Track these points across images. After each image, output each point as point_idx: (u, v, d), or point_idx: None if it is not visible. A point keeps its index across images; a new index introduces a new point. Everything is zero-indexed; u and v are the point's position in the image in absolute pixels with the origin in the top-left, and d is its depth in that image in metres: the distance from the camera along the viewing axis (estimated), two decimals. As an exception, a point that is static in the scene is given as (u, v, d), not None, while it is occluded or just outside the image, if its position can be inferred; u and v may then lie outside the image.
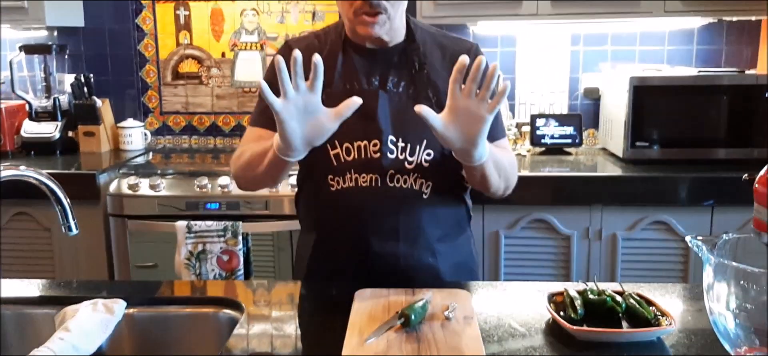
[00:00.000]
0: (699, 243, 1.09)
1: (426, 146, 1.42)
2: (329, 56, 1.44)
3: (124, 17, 3.14)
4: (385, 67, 1.44)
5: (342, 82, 1.44)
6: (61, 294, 1.40)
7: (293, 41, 1.52)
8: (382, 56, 1.44)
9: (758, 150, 2.54)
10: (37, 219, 2.64)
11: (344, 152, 1.42)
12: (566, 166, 2.65)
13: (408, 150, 1.41)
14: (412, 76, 1.44)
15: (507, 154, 1.47)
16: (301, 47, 1.45)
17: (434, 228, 1.47)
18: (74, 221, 1.28)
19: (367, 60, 1.44)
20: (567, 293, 1.25)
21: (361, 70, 1.44)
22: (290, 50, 1.41)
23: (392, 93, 1.43)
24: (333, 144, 1.41)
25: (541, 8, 2.62)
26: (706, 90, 2.56)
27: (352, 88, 1.42)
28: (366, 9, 1.35)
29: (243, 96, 3.18)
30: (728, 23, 2.91)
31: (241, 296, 1.38)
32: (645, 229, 2.47)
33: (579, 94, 3.02)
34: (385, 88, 1.43)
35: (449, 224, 1.52)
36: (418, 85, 1.43)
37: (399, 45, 1.46)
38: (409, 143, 1.41)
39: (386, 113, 1.41)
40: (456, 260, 1.53)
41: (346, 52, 1.46)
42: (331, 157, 1.42)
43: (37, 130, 2.99)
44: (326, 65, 1.39)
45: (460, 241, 1.56)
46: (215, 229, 2.45)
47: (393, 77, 1.44)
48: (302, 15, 3.08)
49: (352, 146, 1.41)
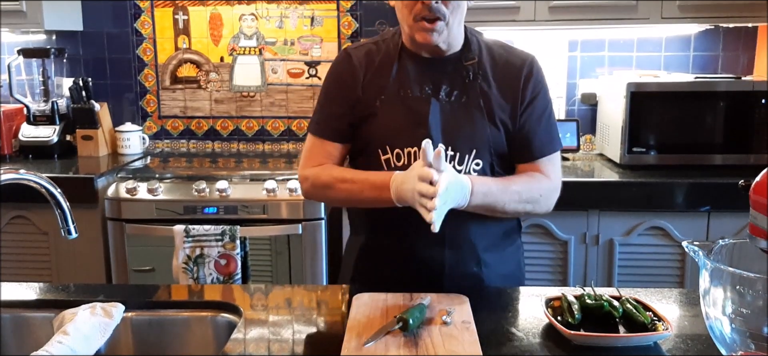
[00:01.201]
0: (695, 249, 1.09)
1: (475, 155, 1.42)
2: (385, 63, 1.46)
3: (122, 21, 3.14)
4: (438, 75, 1.45)
5: (396, 88, 1.45)
6: (59, 298, 1.40)
7: (352, 49, 1.52)
8: (437, 65, 1.45)
9: (755, 156, 2.55)
10: (35, 222, 2.64)
11: (395, 157, 1.43)
12: (564, 171, 2.63)
13: (457, 158, 1.42)
14: (465, 85, 1.44)
15: (529, 182, 1.44)
16: (360, 54, 1.49)
17: (481, 238, 1.47)
18: (74, 225, 1.29)
19: (422, 68, 1.45)
20: (564, 298, 1.26)
21: (414, 77, 1.45)
22: (350, 57, 1.49)
23: (444, 102, 1.43)
24: (384, 149, 1.43)
25: (539, 14, 2.63)
26: (703, 96, 2.57)
27: (406, 95, 1.44)
28: (425, 13, 1.36)
29: (241, 100, 3.18)
30: (725, 30, 2.93)
31: (238, 300, 1.38)
32: (642, 235, 2.48)
33: (576, 100, 3.03)
34: (438, 96, 1.44)
35: (498, 234, 1.52)
36: (470, 95, 1.43)
37: (454, 55, 1.46)
38: (458, 152, 1.42)
39: (437, 121, 1.42)
40: (503, 271, 1.53)
41: (401, 59, 1.47)
42: (383, 161, 1.44)
43: (34, 134, 2.99)
44: (381, 72, 1.46)
45: (509, 252, 1.56)
46: (213, 233, 2.45)
47: (446, 86, 1.44)
48: (301, 20, 3.09)
49: (403, 152, 1.42)
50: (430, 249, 1.44)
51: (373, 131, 1.45)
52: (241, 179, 2.61)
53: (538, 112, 1.46)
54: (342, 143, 1.50)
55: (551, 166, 1.48)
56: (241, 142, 3.23)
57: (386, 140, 1.42)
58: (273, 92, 3.16)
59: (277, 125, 3.20)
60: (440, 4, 1.35)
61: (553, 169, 1.48)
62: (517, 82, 1.44)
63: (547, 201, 1.47)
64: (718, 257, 1.13)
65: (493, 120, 1.43)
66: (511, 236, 1.57)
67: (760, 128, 2.53)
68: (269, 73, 3.15)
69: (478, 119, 1.42)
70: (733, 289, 1.03)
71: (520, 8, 2.63)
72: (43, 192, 1.26)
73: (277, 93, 3.16)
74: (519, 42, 3.00)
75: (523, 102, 1.44)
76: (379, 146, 1.43)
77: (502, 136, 1.44)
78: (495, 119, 1.43)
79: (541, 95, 1.46)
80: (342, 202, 1.50)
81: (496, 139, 1.43)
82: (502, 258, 1.53)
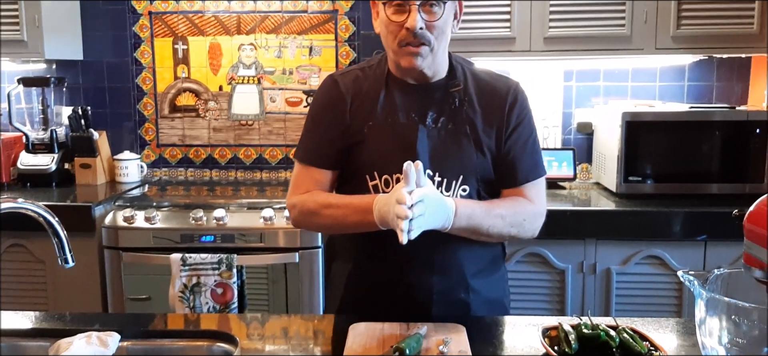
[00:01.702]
0: (691, 278, 1.10)
1: (462, 181, 1.44)
2: (372, 90, 1.48)
3: (122, 51, 3.17)
4: (425, 102, 1.46)
5: (383, 116, 1.46)
6: (55, 327, 1.39)
7: (338, 76, 1.53)
8: (423, 92, 1.47)
9: (750, 185, 2.56)
10: (32, 251, 2.63)
11: (383, 184, 1.44)
12: (560, 200, 2.66)
13: (444, 184, 1.43)
14: (451, 112, 1.46)
15: (514, 206, 1.45)
16: (347, 81, 1.50)
17: (470, 264, 1.48)
18: (71, 253, 1.29)
19: (408, 95, 1.47)
20: (561, 327, 1.26)
21: (401, 104, 1.46)
22: (337, 84, 1.50)
23: (431, 128, 1.45)
24: (372, 175, 1.44)
25: (535, 45, 2.66)
26: (698, 126, 2.59)
27: (393, 122, 1.45)
28: (410, 39, 1.38)
29: (239, 129, 3.20)
30: (718, 60, 2.96)
31: (234, 329, 1.38)
32: (639, 264, 2.48)
33: (572, 129, 3.05)
34: (425, 122, 1.45)
35: (485, 260, 1.52)
36: (456, 121, 1.45)
37: (440, 81, 1.48)
38: (445, 178, 1.43)
39: (425, 147, 1.43)
40: (489, 297, 1.53)
41: (388, 86, 1.48)
42: (370, 187, 1.45)
43: (33, 162, 2.99)
44: (368, 99, 1.47)
45: (495, 277, 1.56)
46: (210, 262, 2.45)
47: (433, 112, 1.46)
48: (299, 50, 3.12)
49: (391, 178, 1.43)
50: (418, 275, 1.44)
51: (361, 157, 1.46)
52: (238, 207, 2.62)
53: (523, 139, 1.47)
54: (330, 170, 1.50)
55: (536, 191, 1.49)
56: (239, 170, 3.23)
57: (374, 166, 1.44)
58: (271, 120, 3.18)
59: (275, 153, 3.21)
60: (424, 30, 1.37)
61: (537, 194, 1.50)
62: (501, 108, 1.46)
63: (531, 226, 1.48)
64: (714, 287, 1.13)
65: (479, 146, 1.45)
66: (497, 262, 1.57)
67: (754, 158, 2.55)
68: (268, 102, 3.17)
69: (464, 145, 1.44)
70: (728, 319, 1.03)
71: (516, 39, 2.66)
72: (41, 220, 1.26)
73: (276, 121, 3.18)
74: (515, 72, 3.02)
75: (508, 128, 1.46)
76: (367, 172, 1.44)
77: (488, 162, 1.46)
78: (481, 145, 1.45)
79: (525, 122, 1.48)
80: (328, 228, 1.49)
81: (482, 165, 1.45)
82: (490, 284, 1.53)
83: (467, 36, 2.67)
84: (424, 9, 1.37)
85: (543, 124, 3.04)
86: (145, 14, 3.14)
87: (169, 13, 3.13)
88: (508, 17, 2.65)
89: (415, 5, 1.36)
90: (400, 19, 1.37)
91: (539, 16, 2.64)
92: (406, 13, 1.36)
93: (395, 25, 1.38)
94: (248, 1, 3.09)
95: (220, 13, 3.11)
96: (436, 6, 1.37)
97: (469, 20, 2.65)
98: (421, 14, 1.36)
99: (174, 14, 3.13)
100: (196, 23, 3.13)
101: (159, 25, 3.14)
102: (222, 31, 3.12)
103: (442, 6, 1.38)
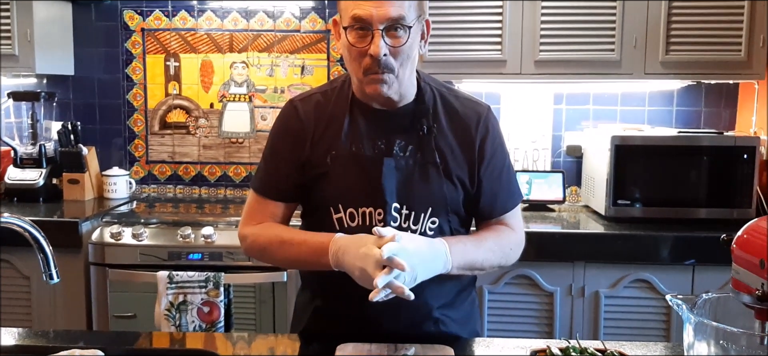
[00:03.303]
0: (679, 302, 1.10)
1: (431, 214, 1.39)
2: (335, 116, 1.41)
3: (114, 67, 3.17)
4: (392, 129, 1.40)
5: (347, 144, 1.40)
6: (37, 344, 1.37)
7: (299, 101, 1.46)
8: (390, 118, 1.41)
9: (738, 210, 2.58)
10: (17, 267, 2.60)
11: (348, 218, 1.38)
12: (549, 223, 2.67)
13: (412, 218, 1.38)
14: (419, 139, 1.40)
15: (499, 236, 1.44)
16: (309, 107, 1.43)
17: (437, 298, 1.44)
18: (56, 269, 1.27)
19: (374, 122, 1.41)
20: (549, 350, 1.25)
21: (366, 132, 1.40)
22: (296, 111, 1.44)
23: (398, 158, 1.39)
24: (337, 208, 1.39)
25: (525, 68, 2.68)
26: (687, 150, 2.61)
27: (358, 152, 1.39)
28: (374, 68, 1.31)
29: (230, 146, 3.19)
30: (707, 86, 2.99)
31: (220, 349, 1.36)
32: (627, 287, 2.48)
33: (562, 152, 3.07)
34: (392, 152, 1.39)
35: (454, 292, 1.48)
36: (424, 150, 1.40)
37: (408, 106, 1.41)
38: (413, 211, 1.38)
39: (392, 180, 1.37)
40: (460, 327, 1.49)
41: (352, 112, 1.41)
42: (335, 220, 1.39)
43: (21, 177, 2.97)
44: (331, 126, 1.40)
45: (464, 307, 1.52)
46: (197, 280, 2.43)
47: (400, 140, 1.40)
48: (291, 69, 3.12)
49: (357, 212, 1.38)
50: (382, 311, 1.34)
51: (324, 190, 1.40)
52: (226, 225, 2.60)
53: (498, 169, 1.45)
54: (285, 203, 1.45)
55: (515, 219, 1.49)
56: (229, 188, 3.22)
57: (339, 199, 1.38)
58: (262, 139, 3.17)
59: (265, 172, 3.20)
60: (389, 57, 1.30)
61: (516, 222, 1.49)
62: (472, 140, 1.42)
63: (516, 254, 1.48)
64: (702, 311, 1.13)
65: (449, 177, 1.40)
66: (467, 290, 1.53)
67: (742, 183, 2.57)
68: (258, 120, 3.17)
69: (433, 177, 1.39)
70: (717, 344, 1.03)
71: (507, 61, 2.68)
72: (27, 236, 1.25)
73: (266, 140, 3.17)
74: (505, 94, 3.04)
75: (482, 161, 1.42)
76: (331, 205, 1.38)
77: (459, 193, 1.41)
78: (452, 176, 1.40)
79: (498, 152, 1.45)
80: (282, 264, 1.45)
81: (452, 196, 1.40)
82: (458, 313, 1.49)
83: (458, 58, 2.69)
84: (388, 34, 1.29)
85: (533, 147, 3.05)
86: (138, 31, 3.14)
87: (162, 30, 3.13)
88: (499, 40, 2.67)
89: (379, 30, 1.28)
90: (363, 45, 1.30)
91: (530, 39, 2.66)
92: (369, 39, 1.29)
93: (357, 51, 1.31)
94: (241, 20, 3.10)
95: (213, 31, 3.12)
96: (401, 30, 1.30)
97: (461, 43, 2.67)
98: (385, 39, 1.29)
99: (166, 31, 3.13)
100: (188, 41, 3.13)
101: (151, 41, 3.14)
102: (214, 48, 3.13)
103: (407, 30, 1.30)
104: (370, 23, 1.28)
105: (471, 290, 1.57)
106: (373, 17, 1.28)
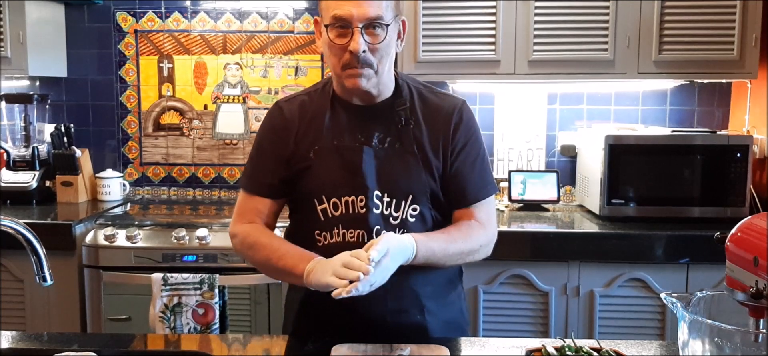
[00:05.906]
0: (674, 300, 1.10)
1: (411, 201, 1.44)
2: (318, 114, 1.48)
3: (107, 69, 3.16)
4: (371, 122, 1.47)
5: (329, 138, 1.46)
6: (31, 347, 1.37)
7: (284, 102, 1.54)
8: (369, 112, 1.47)
9: (731, 209, 2.59)
10: (10, 269, 2.59)
11: (332, 207, 1.43)
12: (544, 222, 2.67)
13: (393, 205, 1.43)
14: (398, 130, 1.46)
15: (469, 233, 1.46)
16: (293, 107, 1.50)
17: (423, 286, 1.47)
18: (49, 271, 1.27)
19: (354, 116, 1.47)
20: (545, 349, 1.25)
21: (346, 126, 1.47)
22: (281, 111, 1.50)
23: (378, 148, 1.45)
24: (320, 199, 1.44)
25: (519, 68, 2.69)
26: (680, 150, 2.62)
27: (339, 144, 1.45)
28: (353, 63, 1.38)
29: (224, 148, 3.18)
30: (700, 85, 3.00)
31: (215, 350, 1.36)
32: (622, 286, 2.49)
33: (556, 151, 3.07)
34: (371, 143, 1.45)
35: (440, 281, 1.51)
36: (403, 140, 1.46)
37: (386, 101, 1.48)
38: (394, 198, 1.43)
39: (372, 168, 1.43)
40: (446, 318, 1.52)
41: (333, 108, 1.48)
42: (319, 212, 1.44)
43: (13, 180, 2.95)
44: (314, 123, 1.47)
45: (451, 298, 1.55)
46: (191, 282, 2.42)
47: (379, 133, 1.46)
48: (285, 70, 3.12)
49: (340, 201, 1.43)
50: (370, 300, 1.35)
51: (308, 183, 1.46)
52: (221, 227, 2.60)
53: (470, 158, 1.48)
54: (273, 199, 1.51)
55: (486, 212, 1.50)
56: (223, 190, 3.21)
57: (322, 190, 1.44)
58: (256, 140, 3.16)
59: (260, 173, 3.19)
60: (368, 53, 1.38)
61: (487, 215, 1.51)
62: (447, 128, 1.47)
63: (486, 250, 1.50)
64: (697, 309, 1.13)
65: (427, 165, 1.45)
66: (453, 282, 1.57)
67: (735, 181, 2.58)
68: (252, 121, 3.16)
69: (412, 165, 1.44)
70: (711, 342, 1.03)
71: (501, 61, 2.68)
72: (20, 238, 1.24)
73: (260, 141, 3.17)
74: (500, 94, 3.05)
75: (455, 149, 1.47)
76: (316, 196, 1.44)
77: (437, 181, 1.46)
78: (429, 165, 1.45)
79: (472, 140, 1.49)
80: (261, 267, 1.49)
81: (430, 184, 1.45)
82: (445, 304, 1.53)
83: (452, 58, 2.69)
84: (367, 31, 1.37)
85: (527, 147, 3.06)
86: (131, 32, 3.13)
87: (155, 31, 3.12)
88: (492, 40, 2.67)
89: (358, 28, 1.36)
90: (343, 42, 1.38)
91: (524, 39, 2.66)
92: (349, 36, 1.37)
93: (338, 48, 1.39)
94: (235, 21, 3.10)
95: (207, 32, 3.11)
96: (379, 28, 1.38)
97: (455, 43, 2.67)
98: (364, 37, 1.37)
99: (160, 33, 3.12)
100: (182, 42, 3.12)
101: (144, 43, 3.13)
102: (208, 50, 3.12)
103: (384, 28, 1.38)
104: (350, 22, 1.36)
105: (458, 283, 1.60)
106: (353, 16, 1.36)
